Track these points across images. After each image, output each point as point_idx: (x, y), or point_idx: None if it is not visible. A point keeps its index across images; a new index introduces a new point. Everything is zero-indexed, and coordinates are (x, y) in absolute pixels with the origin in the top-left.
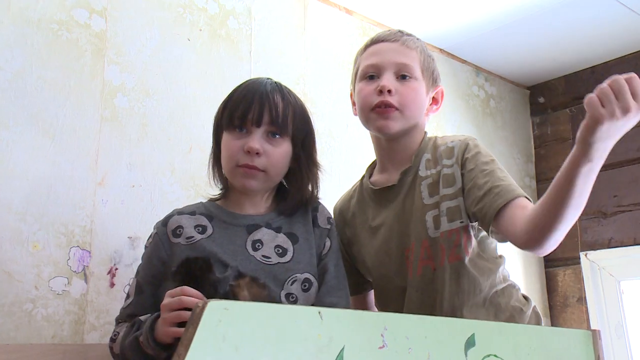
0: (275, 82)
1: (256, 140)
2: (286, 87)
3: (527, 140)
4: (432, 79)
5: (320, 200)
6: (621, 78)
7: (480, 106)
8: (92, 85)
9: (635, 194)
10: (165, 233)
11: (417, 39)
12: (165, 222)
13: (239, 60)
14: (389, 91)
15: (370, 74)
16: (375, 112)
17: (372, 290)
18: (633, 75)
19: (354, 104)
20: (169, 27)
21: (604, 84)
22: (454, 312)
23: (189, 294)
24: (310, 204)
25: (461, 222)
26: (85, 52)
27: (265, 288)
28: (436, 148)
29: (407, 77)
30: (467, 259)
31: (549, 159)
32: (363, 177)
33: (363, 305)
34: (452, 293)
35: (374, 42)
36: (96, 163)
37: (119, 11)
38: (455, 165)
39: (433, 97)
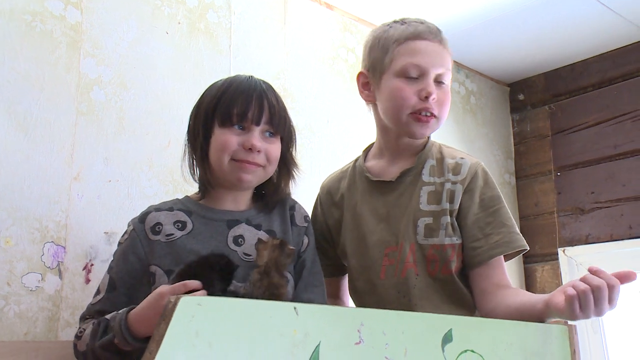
0: (265, 81)
1: (257, 138)
2: (272, 86)
3: (507, 137)
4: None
5: (294, 198)
6: (604, 284)
7: (460, 103)
8: (68, 78)
9: (611, 191)
10: (143, 230)
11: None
12: (142, 218)
13: (218, 54)
14: (433, 98)
15: (412, 74)
16: (412, 116)
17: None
18: (615, 282)
19: (369, 89)
20: (147, 20)
21: (587, 283)
22: None
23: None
24: (286, 201)
25: (457, 240)
26: (60, 44)
27: (289, 257)
28: (442, 157)
29: (443, 83)
30: (458, 273)
31: (529, 156)
32: (357, 159)
33: (337, 289)
34: (445, 303)
35: (415, 37)
36: (72, 157)
37: (94, 3)
38: (459, 184)
39: None
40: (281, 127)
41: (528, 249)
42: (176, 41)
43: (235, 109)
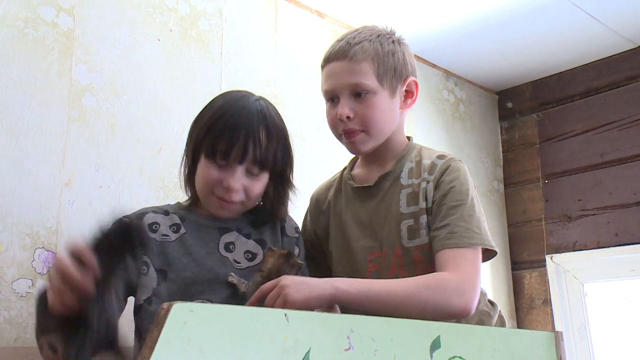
0: (261, 110)
1: (237, 179)
2: (270, 113)
3: (496, 145)
4: (396, 77)
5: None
6: None
7: (449, 110)
8: (60, 85)
9: (598, 199)
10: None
11: (370, 41)
12: (140, 216)
13: (209, 61)
14: (348, 117)
15: (330, 98)
16: (341, 137)
17: None
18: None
19: None
20: (139, 27)
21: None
22: None
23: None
24: (281, 219)
25: None
26: (53, 50)
27: (293, 268)
28: (420, 159)
29: (363, 94)
30: None
31: (517, 163)
32: (345, 168)
33: None
34: None
35: (327, 61)
36: (63, 163)
37: (87, 10)
38: (432, 183)
39: (406, 90)
40: (268, 164)
41: (487, 246)
42: (168, 48)
43: (220, 146)
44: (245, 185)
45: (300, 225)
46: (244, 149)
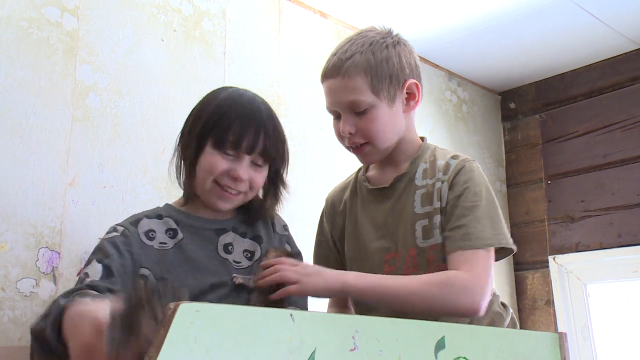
0: (266, 106)
1: (245, 168)
2: (273, 110)
3: (498, 145)
4: (393, 84)
5: (288, 204)
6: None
7: (452, 111)
8: (64, 85)
9: (601, 199)
10: (137, 232)
11: (361, 52)
12: (134, 223)
13: (213, 61)
14: (350, 133)
15: (333, 116)
16: (350, 150)
17: None
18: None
19: None
20: (143, 27)
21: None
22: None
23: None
24: (272, 216)
25: None
26: (57, 50)
27: None
28: (435, 160)
29: (362, 111)
30: None
31: (519, 164)
32: (359, 170)
33: (344, 298)
34: None
35: (323, 77)
36: (67, 163)
37: (91, 10)
38: (446, 183)
39: (407, 93)
40: (273, 156)
41: (503, 245)
42: (171, 48)
43: (230, 135)
44: (250, 175)
45: (287, 224)
46: (255, 140)
